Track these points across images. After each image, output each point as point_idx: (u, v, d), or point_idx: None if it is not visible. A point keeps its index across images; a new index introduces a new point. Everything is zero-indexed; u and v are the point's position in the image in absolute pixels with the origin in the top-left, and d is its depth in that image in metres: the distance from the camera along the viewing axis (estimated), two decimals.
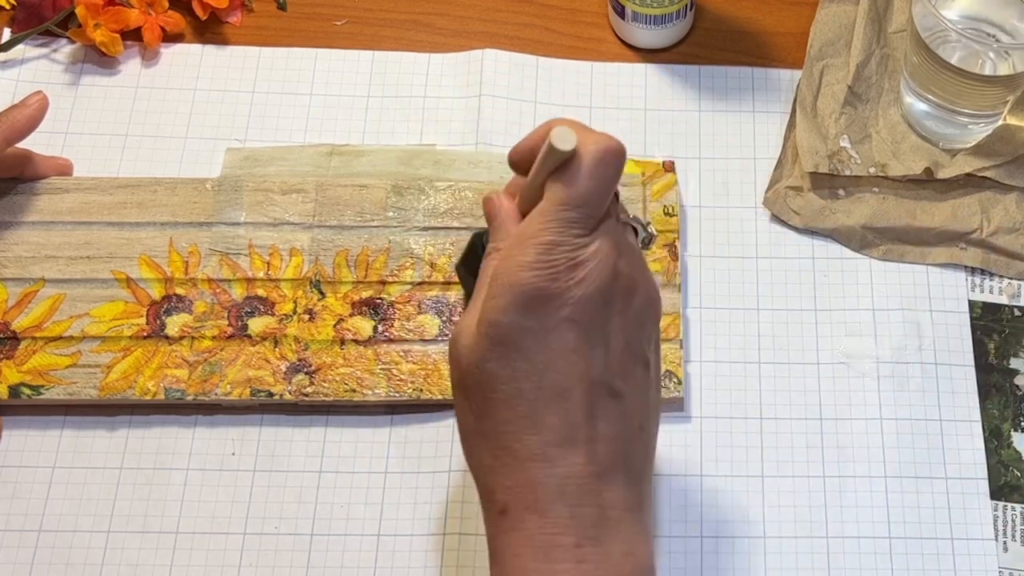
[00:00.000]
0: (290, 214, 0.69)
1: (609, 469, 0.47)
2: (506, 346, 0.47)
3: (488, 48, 0.77)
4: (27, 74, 0.76)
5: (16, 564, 0.62)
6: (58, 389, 0.64)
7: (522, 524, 0.46)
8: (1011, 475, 0.65)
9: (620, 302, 0.48)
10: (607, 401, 0.47)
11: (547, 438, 0.46)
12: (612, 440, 0.47)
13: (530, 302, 0.46)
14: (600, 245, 0.47)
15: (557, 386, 0.47)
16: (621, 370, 0.48)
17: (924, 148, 0.73)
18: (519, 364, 0.47)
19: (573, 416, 0.47)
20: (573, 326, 0.47)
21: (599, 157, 0.47)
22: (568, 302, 0.46)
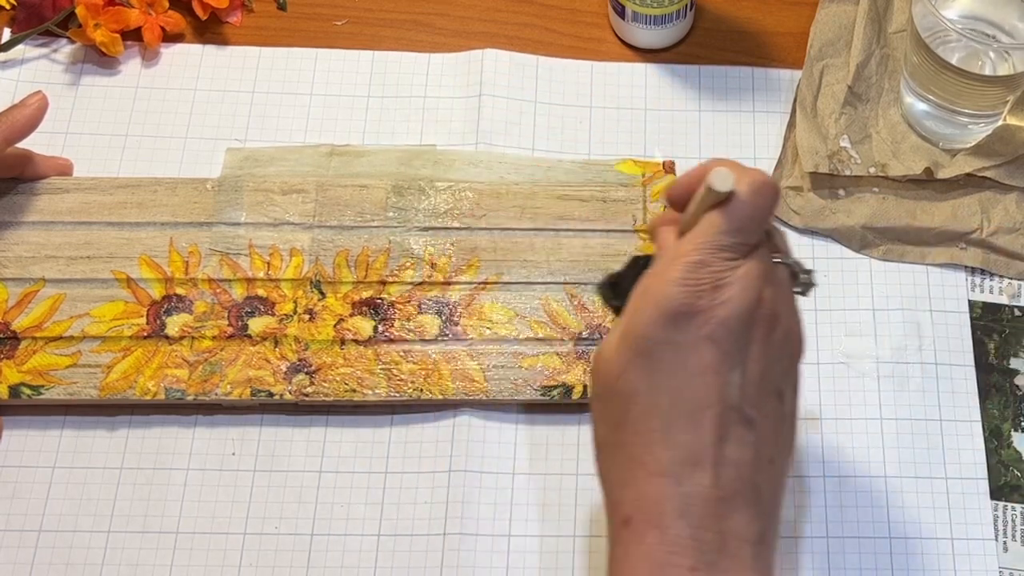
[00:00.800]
0: (290, 214, 0.69)
1: (734, 495, 0.47)
2: (647, 358, 0.48)
3: (488, 48, 0.77)
4: (27, 74, 0.76)
5: (16, 564, 0.62)
6: (58, 389, 0.64)
7: (643, 538, 0.47)
8: (1011, 475, 0.65)
9: (761, 329, 0.49)
10: (738, 427, 0.48)
11: (677, 455, 0.47)
12: (739, 466, 0.48)
13: (673, 317, 0.47)
14: (747, 270, 0.48)
15: (691, 403, 0.47)
16: (755, 398, 0.48)
17: (924, 148, 0.73)
18: (658, 378, 0.48)
19: (704, 436, 0.47)
20: (712, 345, 0.47)
21: (754, 188, 0.49)
22: (710, 320, 0.47)
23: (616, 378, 0.48)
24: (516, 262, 0.68)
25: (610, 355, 0.49)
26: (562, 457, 0.65)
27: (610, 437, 0.49)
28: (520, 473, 0.64)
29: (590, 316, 0.66)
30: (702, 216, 0.49)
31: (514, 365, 0.65)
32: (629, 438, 0.48)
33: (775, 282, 0.50)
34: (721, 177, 0.48)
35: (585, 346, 0.66)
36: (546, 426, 0.65)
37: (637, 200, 0.70)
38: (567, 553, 0.62)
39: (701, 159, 0.73)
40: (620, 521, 0.48)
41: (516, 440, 0.65)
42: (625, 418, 0.48)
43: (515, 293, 0.67)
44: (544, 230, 0.69)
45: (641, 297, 0.49)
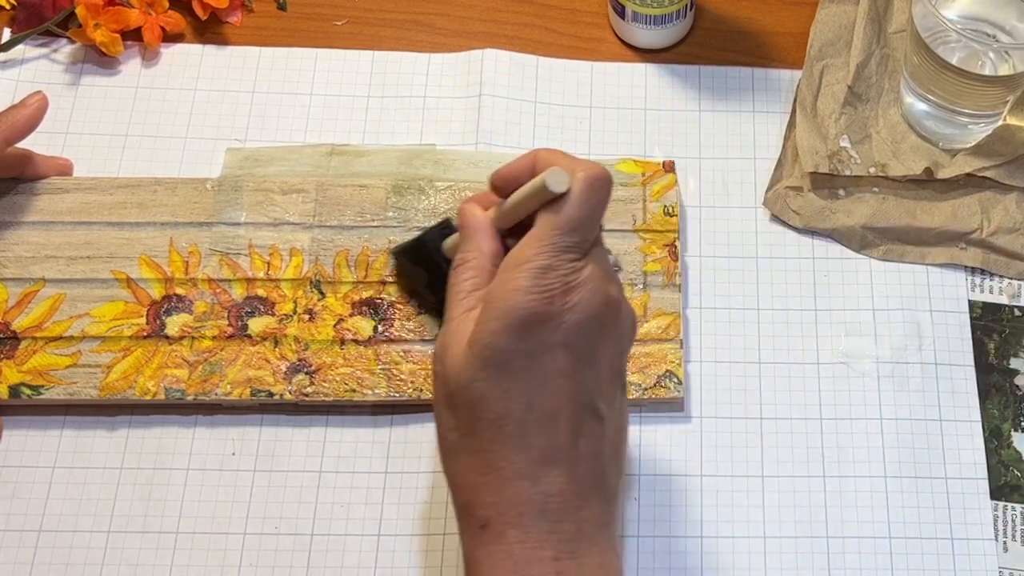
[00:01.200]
0: (290, 214, 0.69)
1: (588, 488, 0.49)
2: (498, 368, 0.48)
3: (488, 48, 0.77)
4: (27, 74, 0.76)
5: (16, 564, 0.62)
6: (58, 389, 0.64)
7: (502, 539, 0.47)
8: (1011, 475, 0.65)
9: (609, 327, 0.49)
10: (591, 423, 0.49)
11: (532, 457, 0.48)
12: (592, 460, 0.49)
13: (524, 326, 0.47)
14: (592, 271, 0.49)
15: (546, 408, 0.48)
16: (606, 393, 0.50)
17: (924, 148, 0.73)
18: (510, 385, 0.48)
19: (559, 437, 0.48)
20: (565, 350, 0.48)
21: (589, 184, 0.49)
22: (561, 326, 0.48)
23: (465, 387, 0.48)
24: None
25: (456, 363, 0.49)
26: None
27: (460, 443, 0.49)
28: None
29: None
30: (531, 211, 0.49)
31: None
32: (481, 444, 0.48)
33: (614, 276, 0.51)
34: (557, 178, 0.48)
35: None
36: None
37: (637, 200, 0.70)
38: None
39: (701, 159, 0.73)
40: (477, 525, 0.48)
41: None
42: (475, 425, 0.48)
43: None
44: None
45: (488, 305, 0.49)
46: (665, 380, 0.65)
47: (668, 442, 0.65)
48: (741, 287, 0.70)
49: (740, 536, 0.63)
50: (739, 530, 0.63)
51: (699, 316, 0.69)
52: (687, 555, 0.62)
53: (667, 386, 0.65)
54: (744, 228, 0.71)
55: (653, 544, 0.63)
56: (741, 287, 0.70)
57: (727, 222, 0.72)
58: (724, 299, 0.69)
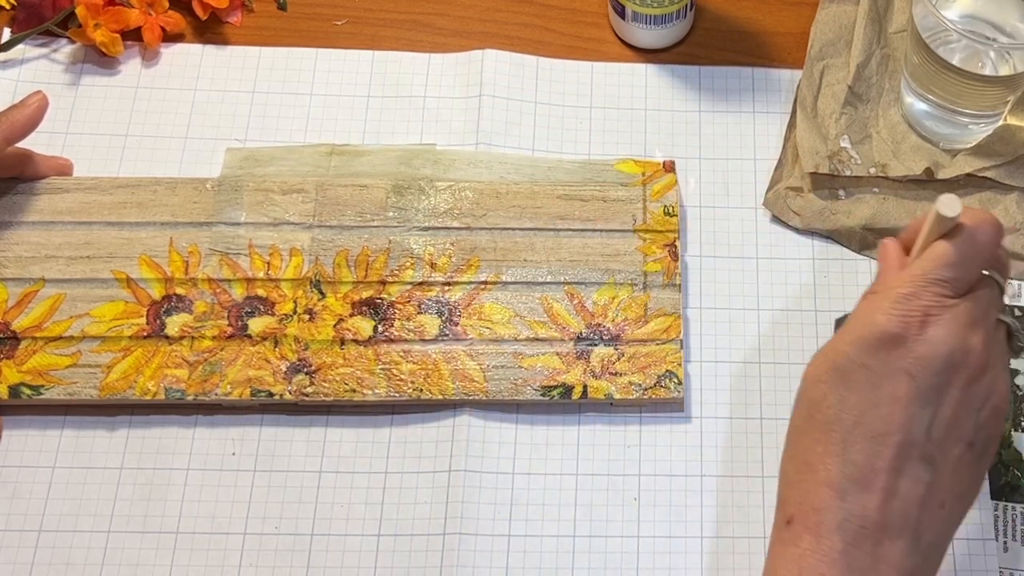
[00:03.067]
0: (290, 214, 0.69)
1: (895, 527, 0.48)
2: (841, 375, 0.49)
3: (488, 48, 0.77)
4: (27, 74, 0.76)
5: (16, 564, 0.62)
6: (58, 389, 0.64)
7: (799, 541, 0.48)
8: (1011, 475, 0.65)
9: (963, 376, 0.49)
10: (917, 463, 0.49)
11: (848, 472, 0.48)
12: (907, 501, 0.48)
13: (874, 342, 0.49)
14: (958, 312, 0.49)
15: (874, 428, 0.48)
16: (941, 440, 0.49)
17: (924, 148, 0.73)
18: (847, 395, 0.49)
19: (879, 461, 0.48)
20: (908, 379, 0.48)
21: (976, 225, 0.50)
22: (910, 354, 0.48)
23: (809, 385, 0.50)
24: (516, 262, 0.68)
25: (812, 362, 0.51)
26: (562, 457, 0.65)
27: (792, 437, 0.51)
28: (520, 473, 0.64)
29: (590, 316, 0.66)
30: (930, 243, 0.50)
31: (514, 365, 0.65)
32: (808, 443, 0.49)
33: (988, 331, 0.50)
34: (947, 203, 0.48)
35: (584, 346, 0.66)
36: (546, 426, 0.65)
37: (637, 200, 0.70)
38: (567, 553, 0.62)
39: (701, 159, 0.73)
40: (783, 519, 0.49)
41: (516, 440, 0.65)
42: (808, 423, 0.50)
43: (515, 293, 0.67)
44: (544, 230, 0.69)
45: (852, 317, 0.50)
46: (665, 380, 0.65)
47: (668, 442, 0.65)
48: (741, 287, 0.70)
49: (740, 536, 0.63)
50: (739, 530, 0.63)
51: (699, 316, 0.69)
52: (687, 555, 0.62)
53: (667, 386, 0.65)
54: (744, 228, 0.71)
55: (653, 544, 0.63)
56: (741, 287, 0.70)
57: (727, 222, 0.72)
58: (724, 299, 0.69)
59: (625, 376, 0.65)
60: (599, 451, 0.65)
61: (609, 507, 0.63)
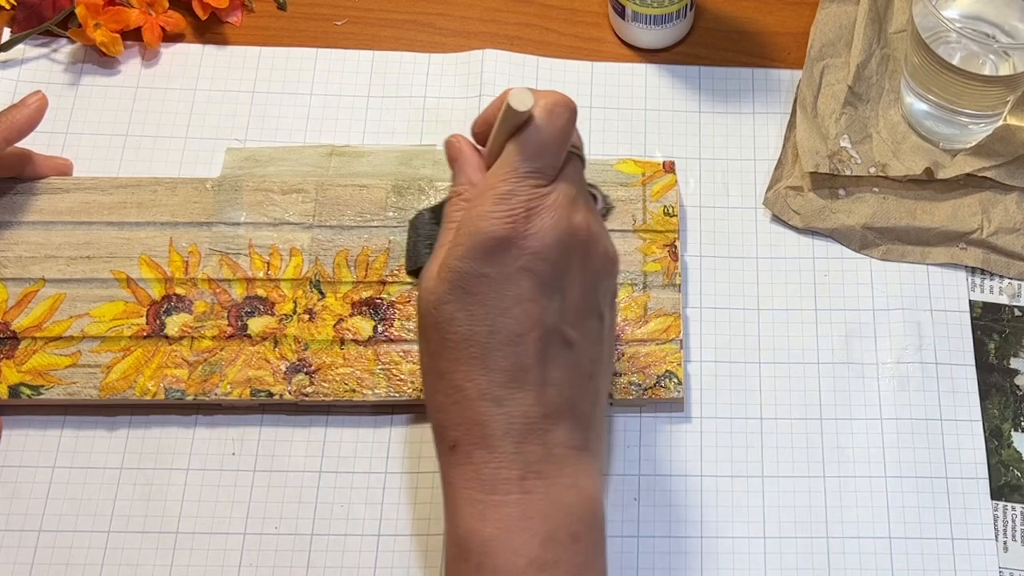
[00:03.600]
0: (290, 214, 0.69)
1: (556, 412, 0.50)
2: (463, 290, 0.49)
3: (488, 48, 0.77)
4: (27, 74, 0.76)
5: (16, 564, 0.62)
6: (58, 389, 0.64)
7: (470, 459, 0.49)
8: (1011, 475, 0.65)
9: (579, 255, 0.51)
10: (559, 348, 0.50)
11: (497, 379, 0.49)
12: (561, 385, 0.50)
13: (488, 250, 0.49)
14: (557, 198, 0.50)
15: (510, 331, 0.49)
16: (575, 320, 0.51)
17: (924, 148, 0.73)
18: (474, 308, 0.49)
19: (524, 360, 0.49)
20: (529, 275, 0.49)
21: (549, 109, 0.50)
22: (525, 251, 0.49)
23: (434, 308, 0.50)
24: None
25: (429, 286, 0.51)
26: None
27: (430, 364, 0.51)
28: None
29: None
30: (505, 138, 0.50)
31: None
32: (448, 366, 0.50)
33: (586, 207, 0.52)
34: (519, 96, 0.48)
35: None
36: None
37: (637, 200, 0.70)
38: None
39: (701, 159, 0.73)
40: (447, 447, 0.50)
41: None
42: (443, 347, 0.50)
43: None
44: None
45: (457, 231, 0.50)
46: (665, 380, 0.65)
47: (668, 442, 0.65)
48: (741, 287, 0.70)
49: (740, 536, 0.63)
50: (739, 530, 0.63)
51: (699, 316, 0.69)
52: (687, 555, 0.62)
53: (667, 386, 0.65)
54: (744, 228, 0.71)
55: (653, 544, 0.63)
56: (741, 287, 0.70)
57: (727, 222, 0.72)
58: (724, 299, 0.69)
59: (625, 376, 0.65)
60: None
61: (609, 507, 0.63)
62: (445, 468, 0.51)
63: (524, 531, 0.48)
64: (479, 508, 0.49)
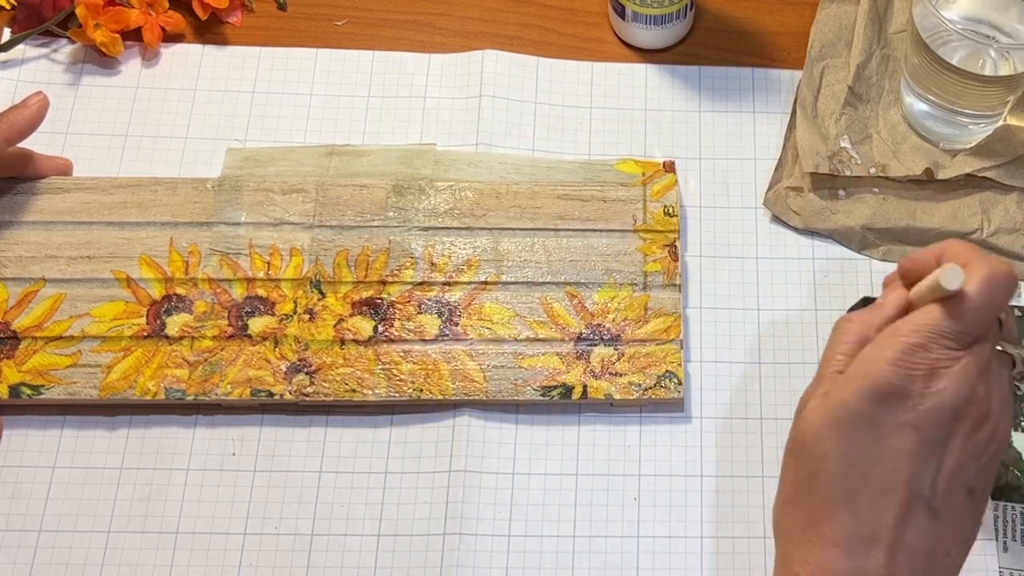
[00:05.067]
0: (290, 214, 0.69)
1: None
2: (846, 428, 0.48)
3: (488, 48, 0.77)
4: (27, 74, 0.76)
5: (16, 564, 0.62)
6: (58, 389, 0.64)
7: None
8: (1011, 475, 0.65)
9: (967, 426, 0.48)
10: (923, 515, 0.48)
11: (855, 529, 0.47)
12: (915, 554, 0.48)
13: (881, 396, 0.47)
14: (966, 364, 0.48)
15: (879, 483, 0.47)
16: (945, 492, 0.49)
17: (924, 148, 0.73)
18: (852, 450, 0.48)
19: (885, 517, 0.47)
20: (914, 432, 0.47)
21: (989, 283, 0.48)
22: (916, 407, 0.47)
23: (812, 438, 0.49)
24: (516, 262, 0.68)
25: (811, 414, 0.49)
26: (562, 457, 0.65)
27: (795, 496, 0.50)
28: (520, 473, 0.64)
29: (590, 316, 0.66)
30: (929, 301, 0.49)
31: (514, 365, 0.65)
32: (812, 502, 0.49)
33: (993, 378, 0.50)
34: (951, 276, 0.47)
35: (584, 346, 0.66)
36: (546, 426, 0.65)
37: (637, 200, 0.70)
38: (567, 553, 0.62)
39: (701, 159, 0.73)
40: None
41: (516, 440, 0.65)
42: (812, 481, 0.49)
43: (515, 293, 0.67)
44: (544, 230, 0.69)
45: (855, 366, 0.49)
46: (665, 380, 0.65)
47: (668, 442, 0.65)
48: (741, 287, 0.70)
49: (740, 536, 0.63)
50: (739, 530, 0.63)
51: (699, 316, 0.69)
52: (687, 555, 0.62)
53: (667, 386, 0.65)
54: (744, 228, 0.71)
55: (653, 544, 0.63)
56: (741, 287, 0.70)
57: (727, 222, 0.72)
58: (724, 299, 0.69)
59: (625, 376, 0.65)
60: (599, 451, 0.65)
61: (609, 507, 0.63)
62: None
63: None
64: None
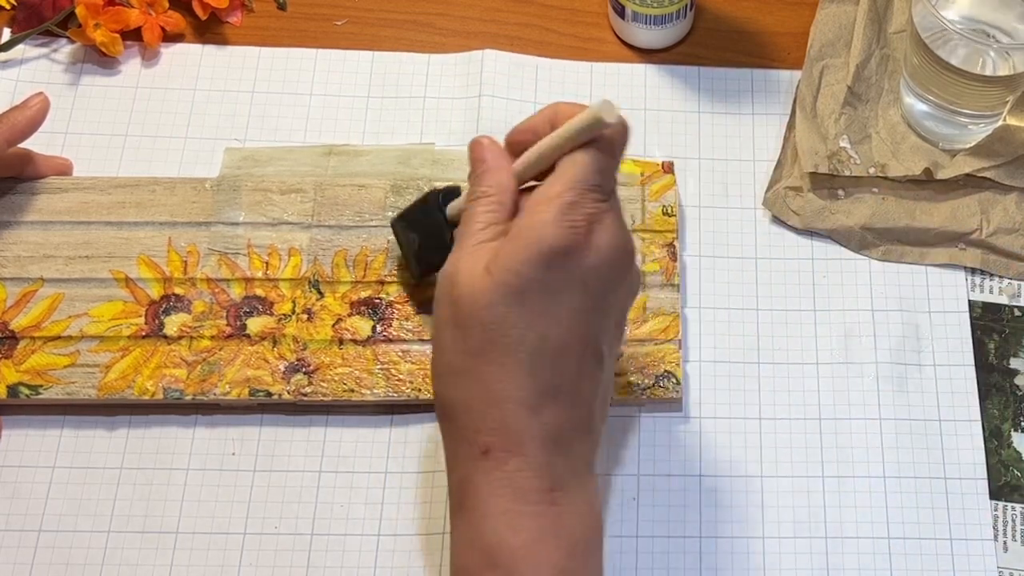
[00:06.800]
0: (289, 214, 0.69)
1: (581, 426, 0.50)
2: (519, 295, 0.48)
3: (488, 48, 0.77)
4: (27, 74, 0.76)
5: (16, 564, 0.62)
6: (57, 389, 0.64)
7: (503, 466, 0.49)
8: (1011, 475, 0.65)
9: (623, 274, 0.51)
10: (593, 365, 0.50)
11: (539, 388, 0.49)
12: (589, 401, 0.51)
13: (549, 257, 0.48)
14: (614, 216, 0.50)
15: (559, 342, 0.49)
16: (610, 339, 0.51)
17: (924, 148, 0.73)
18: (528, 315, 0.49)
19: (566, 372, 0.49)
20: (583, 289, 0.49)
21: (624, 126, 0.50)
22: (583, 264, 0.49)
23: (482, 308, 0.49)
24: None
25: (474, 284, 0.49)
26: None
27: (464, 364, 0.50)
28: None
29: None
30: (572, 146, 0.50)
31: None
32: (488, 367, 0.49)
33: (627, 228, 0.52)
34: (608, 108, 0.48)
35: None
36: None
37: (636, 199, 0.70)
38: None
39: (701, 159, 0.73)
40: (478, 451, 0.49)
41: None
42: (486, 348, 0.49)
43: None
44: None
45: (514, 234, 0.50)
46: (664, 380, 0.65)
47: (667, 442, 0.65)
48: (740, 287, 0.70)
49: (739, 536, 0.63)
50: (739, 530, 0.63)
51: (698, 316, 0.69)
52: (687, 555, 0.62)
53: (666, 387, 0.65)
54: (743, 228, 0.71)
55: (652, 544, 0.63)
56: (740, 287, 0.70)
57: (726, 222, 0.72)
58: (723, 299, 0.69)
59: (623, 376, 0.65)
60: None
61: (608, 507, 0.63)
62: (471, 472, 0.50)
63: (552, 543, 0.48)
64: (510, 517, 0.48)
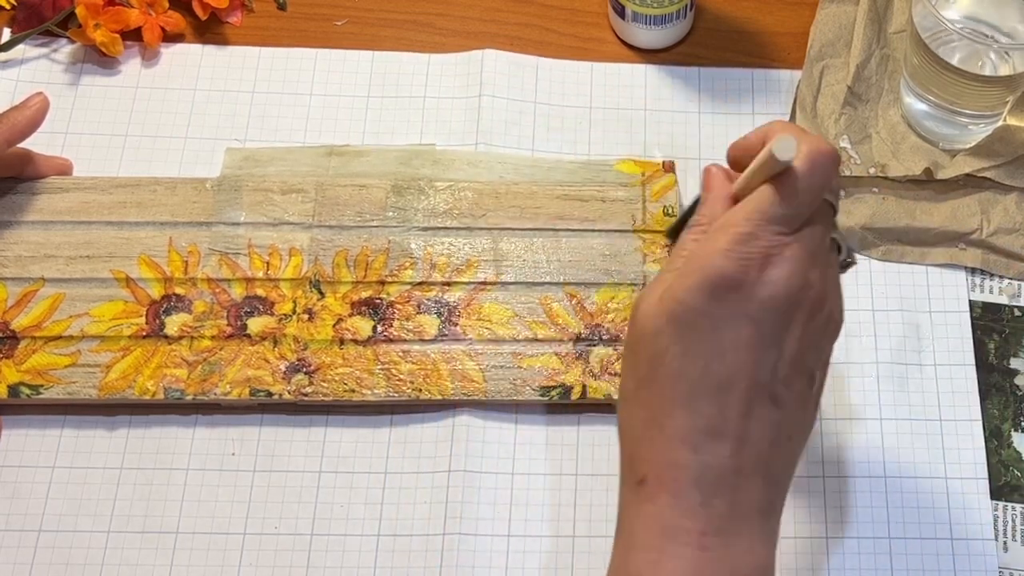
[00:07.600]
0: (289, 214, 0.69)
1: (750, 470, 0.47)
2: (683, 325, 0.47)
3: (488, 48, 0.77)
4: (27, 74, 0.76)
5: (16, 564, 0.62)
6: (57, 389, 0.64)
7: (656, 499, 0.47)
8: (1011, 475, 0.65)
9: (804, 312, 0.48)
10: (765, 405, 0.48)
11: (698, 424, 0.47)
12: (760, 443, 0.48)
13: (716, 289, 0.46)
14: (797, 250, 0.47)
15: (721, 377, 0.47)
16: (787, 379, 0.48)
17: (924, 148, 0.73)
18: (691, 346, 0.47)
19: (729, 410, 0.47)
20: (751, 324, 0.47)
21: (812, 158, 0.47)
22: (753, 299, 0.47)
23: (650, 336, 0.48)
24: (515, 262, 0.68)
25: (648, 310, 0.48)
26: (562, 457, 0.65)
27: (634, 392, 0.49)
28: (520, 473, 0.64)
29: (589, 316, 0.66)
30: (760, 181, 0.48)
31: (513, 365, 0.65)
32: (653, 398, 0.48)
33: (824, 262, 0.49)
34: (784, 145, 0.46)
35: (584, 346, 0.66)
36: (545, 426, 0.65)
37: (636, 200, 0.70)
38: (567, 553, 0.62)
39: (701, 159, 0.73)
40: (634, 479, 0.48)
41: (515, 440, 0.65)
42: (652, 377, 0.48)
43: (514, 293, 0.67)
44: (544, 230, 0.69)
45: (687, 262, 0.48)
46: None
47: None
48: None
49: None
50: None
51: None
52: None
53: None
54: None
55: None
56: None
57: None
58: None
59: None
60: (599, 451, 0.65)
61: (609, 507, 0.63)
62: (628, 499, 0.49)
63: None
64: (654, 556, 0.47)
